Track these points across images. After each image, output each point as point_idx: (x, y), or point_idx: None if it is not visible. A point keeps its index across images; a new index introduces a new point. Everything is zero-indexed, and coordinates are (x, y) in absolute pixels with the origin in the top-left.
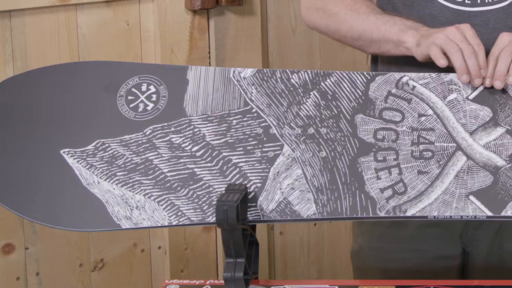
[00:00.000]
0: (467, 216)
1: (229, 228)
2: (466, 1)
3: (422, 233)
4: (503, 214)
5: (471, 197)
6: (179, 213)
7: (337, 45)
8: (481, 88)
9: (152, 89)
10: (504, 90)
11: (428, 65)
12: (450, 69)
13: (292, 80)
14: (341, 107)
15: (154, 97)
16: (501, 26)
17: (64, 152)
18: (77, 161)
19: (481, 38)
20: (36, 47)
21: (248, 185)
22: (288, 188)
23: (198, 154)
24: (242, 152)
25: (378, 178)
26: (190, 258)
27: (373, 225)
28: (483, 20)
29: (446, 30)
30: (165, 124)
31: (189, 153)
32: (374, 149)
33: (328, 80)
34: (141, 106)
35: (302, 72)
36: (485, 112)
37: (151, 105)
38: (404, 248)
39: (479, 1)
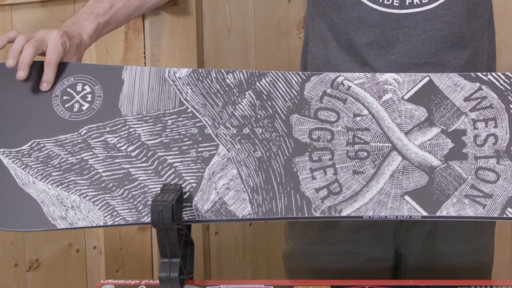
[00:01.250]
0: (402, 216)
1: (164, 228)
2: (395, 4)
3: (354, 235)
4: (438, 214)
5: (406, 197)
6: (114, 213)
7: (273, 45)
8: (416, 88)
9: (87, 89)
10: (439, 90)
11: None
12: (385, 69)
13: (227, 80)
14: (276, 107)
15: (89, 97)
16: (429, 28)
17: None
18: (12, 161)
19: (411, 40)
20: None
21: (183, 185)
22: (223, 188)
23: (133, 154)
24: (177, 152)
25: (313, 178)
26: (126, 258)
27: (305, 228)
28: (412, 22)
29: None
30: (100, 124)
31: (124, 153)
32: (309, 149)
33: (263, 80)
34: (76, 106)
35: (237, 72)
36: (420, 112)
37: (86, 105)
38: (336, 250)
39: (407, 4)
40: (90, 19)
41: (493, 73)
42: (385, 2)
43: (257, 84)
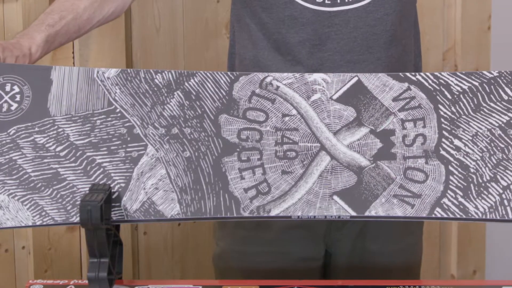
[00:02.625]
0: (331, 216)
1: (93, 228)
2: (326, 1)
3: (285, 235)
4: (366, 214)
5: (335, 197)
6: (43, 213)
7: (201, 45)
8: (345, 88)
9: (16, 89)
10: (368, 90)
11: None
12: (318, 67)
13: (156, 80)
14: (205, 107)
15: (18, 97)
16: (361, 25)
17: None
18: None
19: (343, 38)
20: None
21: (112, 185)
22: (152, 188)
23: (62, 154)
24: (106, 152)
25: (242, 178)
26: (54, 258)
27: (235, 229)
28: (343, 19)
29: None
30: (29, 124)
31: (53, 153)
32: (238, 149)
33: (192, 80)
34: (5, 106)
35: (166, 72)
36: (349, 112)
37: (15, 105)
38: (267, 251)
39: (339, 1)
40: (40, 29)
41: (421, 73)
42: (317, 0)
43: (186, 84)
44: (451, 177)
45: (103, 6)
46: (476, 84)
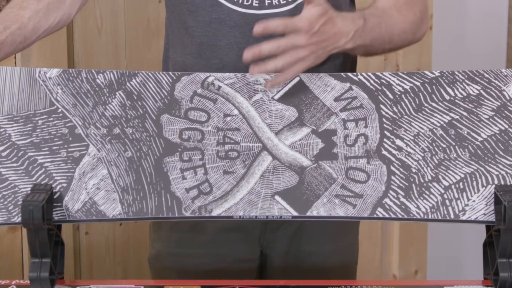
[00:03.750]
0: (273, 216)
1: (35, 228)
2: (254, 4)
3: (220, 237)
4: (308, 214)
5: (277, 197)
6: None
7: (143, 45)
8: (286, 88)
9: None
10: (309, 90)
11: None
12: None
13: (97, 80)
14: (146, 107)
15: None
16: None
17: None
18: None
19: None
20: None
21: (53, 185)
22: (93, 188)
23: (3, 154)
24: (47, 152)
25: (184, 178)
26: None
27: (171, 231)
28: None
29: None
30: None
31: None
32: (179, 149)
33: (133, 80)
34: None
35: (107, 72)
36: (291, 112)
37: None
38: (203, 253)
39: (266, 4)
40: None
41: (363, 73)
42: (245, 2)
43: (128, 84)
44: (392, 177)
45: (48, 15)
46: (418, 84)
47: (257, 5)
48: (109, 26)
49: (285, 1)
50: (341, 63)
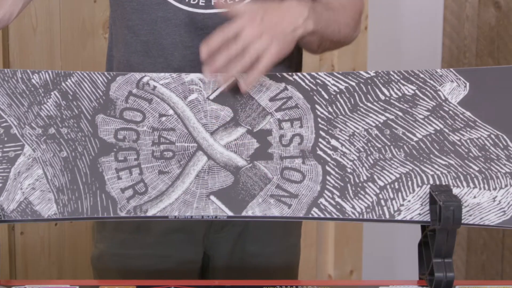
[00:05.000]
0: (208, 216)
1: None
2: (200, 3)
3: (164, 239)
4: (243, 214)
5: (212, 197)
6: None
7: (78, 45)
8: (221, 88)
9: None
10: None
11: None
12: (190, 69)
13: (33, 80)
14: (82, 107)
15: None
16: None
17: None
18: None
19: None
20: None
21: None
22: (29, 188)
23: None
24: None
25: (119, 178)
26: None
27: (115, 231)
28: (217, 22)
29: None
30: None
31: None
32: (115, 149)
33: (68, 80)
34: None
35: (43, 72)
36: (226, 112)
37: None
38: (146, 254)
39: (212, 3)
40: None
41: (298, 73)
42: (191, 1)
43: (63, 84)
44: (328, 177)
45: None
46: (353, 84)
47: (203, 4)
48: (44, 25)
49: (231, 1)
50: (288, 66)
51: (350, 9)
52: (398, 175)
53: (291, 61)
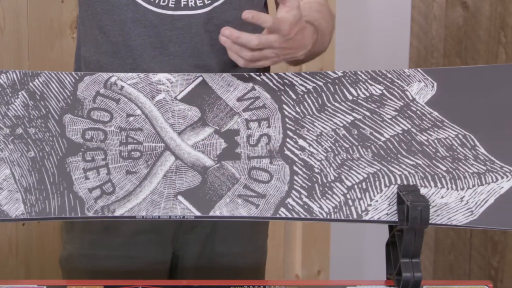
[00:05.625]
0: (176, 216)
1: None
2: (170, 5)
3: (133, 240)
4: (211, 214)
5: (179, 197)
6: None
7: (46, 45)
8: (189, 88)
9: None
10: (212, 90)
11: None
12: (159, 71)
13: (0, 80)
14: (49, 107)
15: None
16: (203, 31)
17: None
18: None
19: (184, 42)
20: None
21: None
22: None
23: None
24: None
25: (87, 178)
26: None
27: (83, 232)
28: (186, 24)
29: None
30: None
31: None
32: (82, 149)
33: (36, 80)
34: None
35: (10, 72)
36: (193, 112)
37: None
38: (115, 255)
39: (182, 5)
40: None
41: (266, 73)
42: (161, 3)
43: (30, 84)
44: (295, 177)
45: None
46: (321, 84)
47: (173, 6)
48: (11, 25)
49: (201, 3)
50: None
51: (332, 19)
52: (365, 175)
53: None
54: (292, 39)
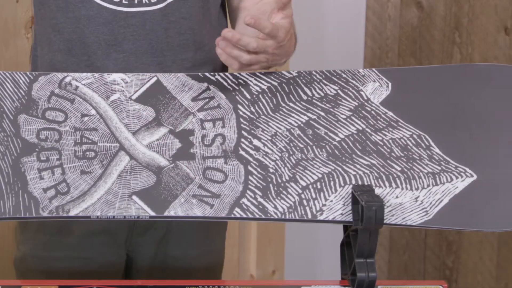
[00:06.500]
0: (130, 216)
1: None
2: (124, 1)
3: (86, 241)
4: (166, 214)
5: (134, 197)
6: None
7: (1, 45)
8: (144, 88)
9: None
10: (167, 90)
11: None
12: (113, 68)
13: None
14: (4, 107)
15: None
16: (157, 27)
17: None
18: None
19: (139, 39)
20: None
21: None
22: None
23: None
24: None
25: (41, 178)
26: None
27: (37, 233)
28: (140, 21)
29: None
30: None
31: None
32: (37, 149)
33: None
34: None
35: None
36: (148, 112)
37: None
38: (70, 256)
39: (136, 2)
40: None
41: (221, 73)
42: (114, 0)
43: None
44: (250, 177)
45: None
46: (275, 84)
47: (127, 2)
48: None
49: (155, 0)
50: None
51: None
52: (320, 175)
53: (216, 64)
54: (283, 46)
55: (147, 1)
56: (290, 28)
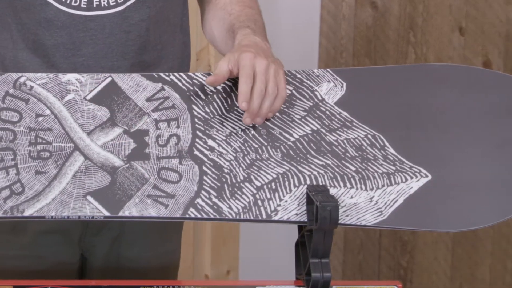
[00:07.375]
0: (85, 216)
1: None
2: (82, 5)
3: (40, 240)
4: (120, 214)
5: (89, 197)
6: None
7: None
8: (98, 88)
9: None
10: (121, 90)
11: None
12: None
13: None
14: None
15: None
16: (117, 31)
17: None
18: None
19: (98, 43)
20: None
21: None
22: None
23: None
24: None
25: None
26: None
27: None
28: (99, 24)
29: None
30: None
31: None
32: None
33: None
34: None
35: None
36: (103, 112)
37: None
38: (23, 255)
39: (95, 5)
40: None
41: (175, 74)
42: (73, 3)
43: None
44: (205, 177)
45: None
46: (230, 84)
47: (85, 6)
48: None
49: (114, 3)
50: (179, 64)
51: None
52: (275, 175)
53: (173, 62)
54: (258, 53)
55: (106, 5)
56: (267, 64)
